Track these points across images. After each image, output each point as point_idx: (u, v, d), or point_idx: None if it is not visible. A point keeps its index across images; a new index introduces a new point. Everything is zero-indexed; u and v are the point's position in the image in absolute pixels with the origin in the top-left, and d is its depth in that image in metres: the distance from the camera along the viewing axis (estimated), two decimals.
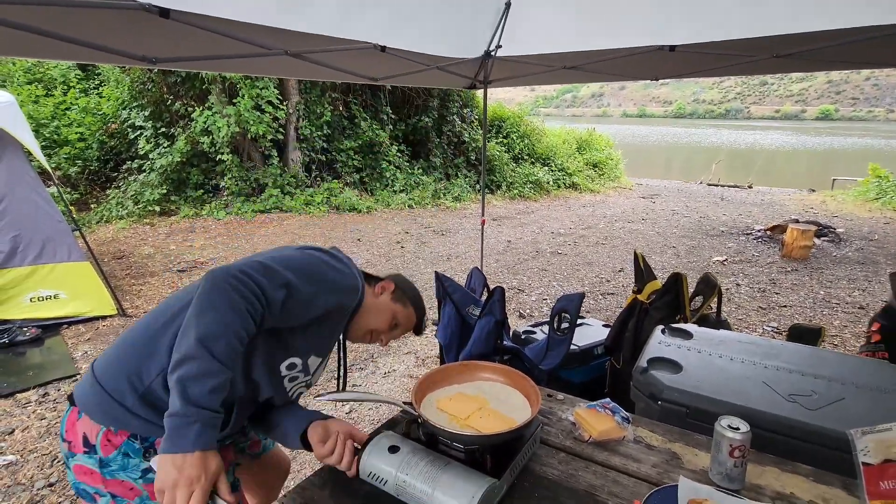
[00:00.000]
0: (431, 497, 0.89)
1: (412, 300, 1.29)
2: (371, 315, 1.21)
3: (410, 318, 1.29)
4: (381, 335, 1.25)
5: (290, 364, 1.09)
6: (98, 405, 0.98)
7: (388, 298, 1.24)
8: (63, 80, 8.10)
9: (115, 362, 1.01)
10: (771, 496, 0.99)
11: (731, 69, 3.05)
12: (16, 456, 2.32)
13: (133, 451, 0.99)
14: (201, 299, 0.89)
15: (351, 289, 1.12)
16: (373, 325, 1.22)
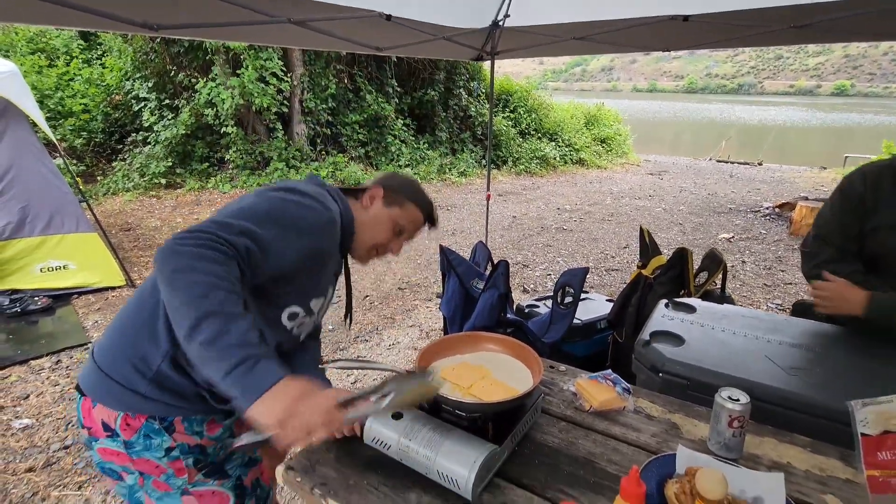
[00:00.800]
0: (434, 462, 0.91)
1: (410, 196, 1.18)
2: (368, 231, 1.14)
3: (415, 217, 1.19)
4: (389, 246, 1.18)
5: (290, 314, 1.07)
6: (109, 393, 0.96)
7: (381, 206, 1.16)
8: (66, 49, 8.00)
9: (115, 348, 0.99)
10: (767, 465, 1.00)
11: (746, 41, 2.96)
12: (31, 420, 2.39)
13: (154, 432, 0.98)
14: (162, 276, 0.80)
15: (326, 224, 1.01)
16: (374, 241, 1.15)
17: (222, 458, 1.07)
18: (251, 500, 1.13)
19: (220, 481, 1.07)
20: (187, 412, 1.00)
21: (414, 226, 1.19)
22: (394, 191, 1.17)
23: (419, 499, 0.90)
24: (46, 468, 2.10)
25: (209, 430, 1.05)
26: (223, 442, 1.08)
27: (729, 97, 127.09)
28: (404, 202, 1.17)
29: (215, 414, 1.06)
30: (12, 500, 1.93)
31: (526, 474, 0.97)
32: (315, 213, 0.99)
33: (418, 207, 1.19)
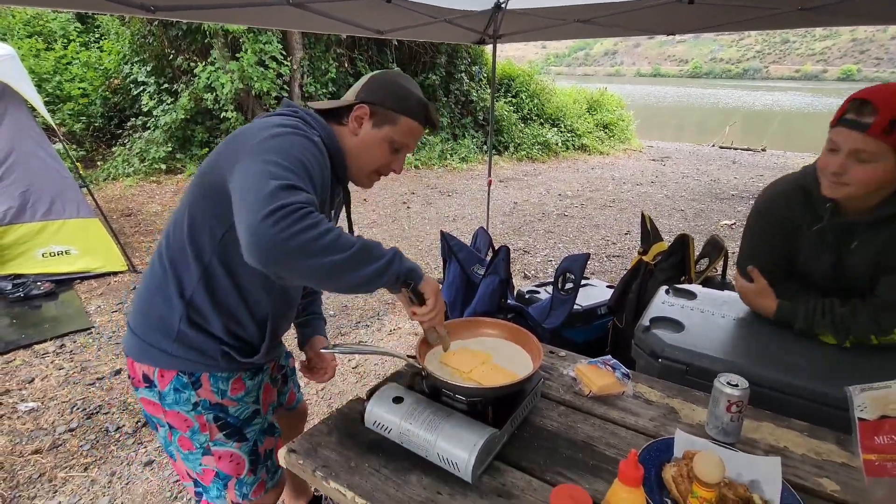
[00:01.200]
0: (434, 445, 0.92)
1: (400, 107, 1.05)
2: (362, 158, 1.07)
3: (410, 128, 1.07)
4: (390, 166, 1.11)
5: None
6: (143, 352, 1.05)
7: (370, 128, 1.05)
8: (63, 33, 7.91)
9: (141, 314, 1.07)
10: (764, 449, 1.02)
11: (752, 24, 2.92)
12: (37, 403, 2.42)
13: (182, 386, 1.06)
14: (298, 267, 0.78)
15: (321, 157, 0.96)
16: (372, 165, 1.09)
17: (243, 421, 1.13)
18: (262, 469, 1.18)
19: (239, 444, 1.13)
20: (213, 368, 1.07)
21: (412, 137, 1.09)
22: (383, 106, 1.04)
23: (420, 481, 0.91)
24: (52, 450, 2.13)
25: (233, 389, 1.11)
26: (245, 404, 1.13)
27: (734, 82, 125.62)
28: (396, 117, 1.05)
29: (242, 372, 1.12)
30: (19, 481, 1.97)
31: (525, 457, 0.98)
32: (311, 149, 0.94)
33: (412, 117, 1.06)
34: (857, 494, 0.89)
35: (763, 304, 1.44)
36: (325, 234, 0.79)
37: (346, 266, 0.81)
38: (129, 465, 2.07)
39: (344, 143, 1.06)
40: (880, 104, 1.11)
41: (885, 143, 1.11)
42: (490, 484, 0.91)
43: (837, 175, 1.19)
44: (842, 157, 1.18)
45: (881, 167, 1.14)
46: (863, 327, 1.27)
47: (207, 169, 0.99)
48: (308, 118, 1.02)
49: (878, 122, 1.10)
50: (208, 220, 0.98)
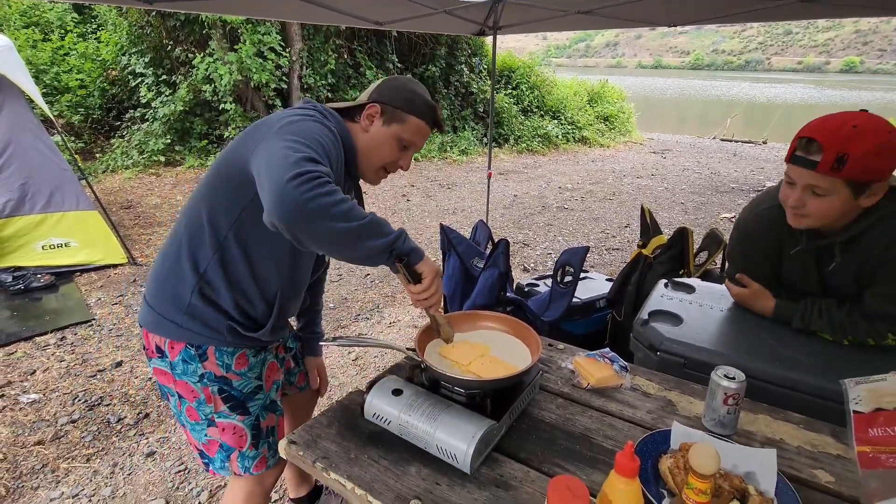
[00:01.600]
0: (433, 436, 0.93)
1: (409, 108, 1.12)
2: (373, 153, 1.13)
3: (418, 128, 1.14)
4: (397, 163, 1.17)
5: None
6: (156, 324, 1.12)
7: (380, 125, 1.12)
8: (60, 23, 7.85)
9: (156, 287, 1.13)
10: (761, 441, 1.02)
11: (755, 15, 2.90)
12: (39, 394, 2.43)
13: (189, 358, 1.11)
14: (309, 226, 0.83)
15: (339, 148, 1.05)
16: (381, 161, 1.14)
17: (246, 394, 1.18)
18: (264, 445, 1.22)
19: (242, 417, 1.18)
20: (219, 343, 1.12)
21: (420, 136, 1.15)
22: (393, 106, 1.12)
23: (419, 471, 0.92)
24: (55, 441, 2.15)
25: (237, 364, 1.16)
26: (248, 378, 1.18)
27: (735, 74, 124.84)
28: (404, 116, 1.12)
29: (247, 348, 1.17)
30: (23, 472, 1.98)
31: (523, 448, 0.99)
32: (329, 135, 1.01)
33: (420, 118, 1.13)
34: (852, 486, 0.90)
35: (761, 305, 1.46)
36: (342, 202, 0.85)
37: (357, 235, 0.87)
38: (130, 455, 2.09)
39: (356, 140, 1.12)
40: (824, 142, 1.13)
41: (836, 178, 1.13)
42: (488, 475, 0.92)
43: (796, 208, 1.23)
44: (798, 191, 1.21)
45: (836, 199, 1.17)
46: (860, 332, 1.29)
47: (229, 154, 1.06)
48: (325, 111, 1.09)
49: (826, 160, 1.12)
50: (227, 199, 1.05)
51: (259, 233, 1.05)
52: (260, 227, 0.95)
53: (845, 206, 1.19)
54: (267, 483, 1.28)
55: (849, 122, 1.12)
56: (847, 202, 1.17)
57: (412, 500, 0.85)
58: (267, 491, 1.30)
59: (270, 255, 1.10)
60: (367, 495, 0.87)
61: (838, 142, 1.11)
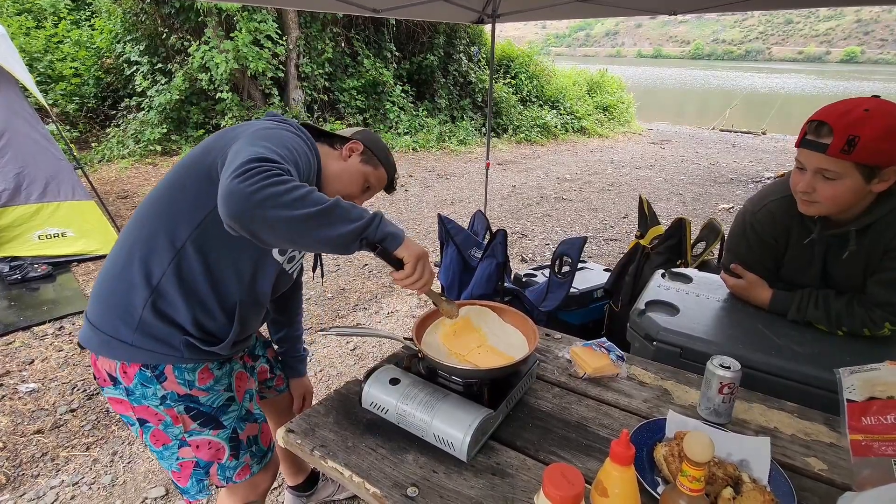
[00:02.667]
0: (430, 425, 0.93)
1: (382, 160, 1.24)
2: (340, 182, 1.17)
3: (382, 179, 1.25)
4: (355, 199, 1.21)
5: (281, 248, 1.11)
6: (103, 345, 1.02)
7: (358, 161, 1.20)
8: (53, 10, 7.74)
9: (101, 304, 1.04)
10: (755, 430, 1.03)
11: (756, 3, 2.88)
12: (37, 384, 2.44)
13: (146, 380, 1.04)
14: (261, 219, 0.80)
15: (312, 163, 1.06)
16: (345, 192, 1.17)
17: (217, 408, 1.12)
18: (246, 454, 1.17)
19: (216, 431, 1.12)
20: (176, 360, 1.05)
21: (380, 187, 1.26)
22: (372, 151, 1.22)
23: (416, 460, 0.93)
24: (54, 430, 2.16)
25: (200, 379, 1.09)
26: (217, 392, 1.12)
27: (736, 63, 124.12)
28: (378, 164, 1.23)
29: (209, 361, 1.10)
30: (22, 460, 1.99)
31: (519, 437, 0.99)
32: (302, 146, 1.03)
33: (387, 172, 1.25)
34: (844, 473, 0.91)
35: (758, 295, 1.46)
36: (294, 189, 0.82)
37: (317, 221, 0.82)
38: (130, 444, 2.10)
39: (327, 164, 1.15)
40: (834, 124, 1.12)
41: (846, 161, 1.13)
42: (485, 463, 0.92)
43: (807, 193, 1.23)
44: (808, 176, 1.21)
45: (847, 183, 1.17)
46: (856, 321, 1.30)
47: (198, 156, 1.03)
48: (296, 126, 1.10)
49: (835, 143, 1.12)
50: (190, 204, 1.00)
51: (221, 240, 1.00)
52: (222, 233, 0.92)
53: (857, 192, 1.18)
54: (262, 487, 1.24)
55: (860, 106, 1.12)
56: (858, 187, 1.16)
57: (409, 487, 0.86)
58: (262, 494, 1.26)
59: (232, 265, 1.04)
60: (364, 483, 0.88)
61: (848, 124, 1.10)
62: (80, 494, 1.86)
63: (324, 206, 0.83)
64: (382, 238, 0.91)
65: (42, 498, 1.84)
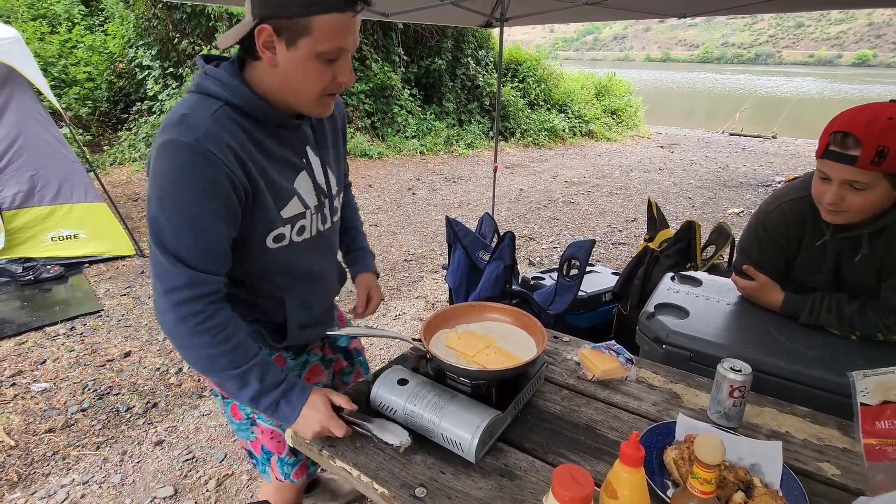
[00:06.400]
0: (438, 426, 0.93)
1: (305, 9, 0.79)
2: (295, 87, 0.87)
3: (334, 26, 0.81)
4: (336, 81, 0.88)
5: (274, 237, 0.98)
6: None
7: (285, 51, 0.83)
8: (67, 15, 7.87)
9: None
10: (766, 434, 1.02)
11: (766, 6, 2.86)
12: (49, 383, 2.47)
13: None
14: (175, 346, 0.91)
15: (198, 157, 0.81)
16: (312, 92, 0.88)
17: None
18: (303, 455, 1.17)
19: (279, 423, 1.14)
20: None
21: (342, 34, 0.83)
22: (286, 15, 0.79)
23: (424, 460, 0.93)
24: (65, 429, 2.18)
25: None
26: None
27: (745, 67, 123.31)
28: (305, 26, 0.80)
29: (283, 351, 1.14)
30: (34, 459, 2.02)
31: (528, 439, 0.99)
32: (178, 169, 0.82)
33: (326, 10, 0.80)
34: (857, 479, 0.90)
35: (769, 298, 1.44)
36: (211, 346, 0.88)
37: (225, 385, 0.92)
38: (139, 444, 2.12)
39: (266, 82, 0.88)
40: (862, 136, 1.10)
41: (876, 172, 1.11)
42: (493, 464, 0.92)
43: (834, 205, 1.20)
44: (835, 186, 1.19)
45: (878, 192, 1.15)
46: (869, 325, 1.28)
47: None
48: (202, 86, 0.88)
49: (865, 155, 1.10)
50: None
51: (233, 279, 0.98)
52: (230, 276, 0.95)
53: (886, 200, 1.17)
54: (300, 487, 1.27)
55: (883, 114, 1.10)
56: (886, 194, 1.15)
57: (417, 487, 0.86)
58: (299, 492, 1.29)
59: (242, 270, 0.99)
60: (373, 483, 0.88)
61: (876, 135, 1.09)
62: (90, 493, 1.87)
63: (234, 382, 0.90)
64: (272, 415, 0.94)
65: (53, 496, 1.85)
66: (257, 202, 0.92)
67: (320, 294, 1.17)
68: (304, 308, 1.12)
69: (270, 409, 0.93)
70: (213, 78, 0.88)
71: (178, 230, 0.83)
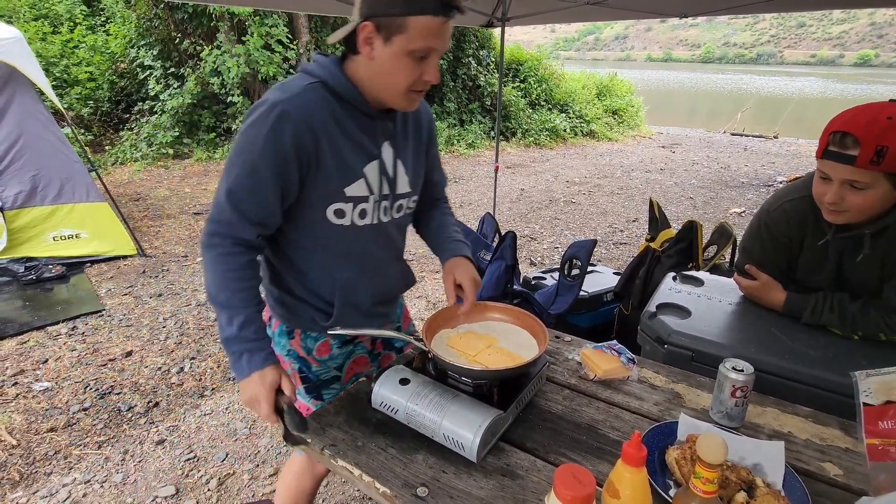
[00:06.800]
0: (440, 425, 0.93)
1: (405, 6, 0.87)
2: (386, 80, 0.96)
3: (427, 27, 0.89)
4: (423, 79, 0.96)
5: (335, 211, 1.04)
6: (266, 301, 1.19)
7: (382, 46, 0.92)
8: (69, 15, 7.89)
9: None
10: (769, 434, 1.02)
11: (768, 6, 2.85)
12: (51, 382, 2.47)
13: (280, 333, 1.19)
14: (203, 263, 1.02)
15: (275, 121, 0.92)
16: (400, 86, 0.96)
17: (321, 382, 1.22)
18: None
19: (315, 402, 1.22)
20: (303, 326, 1.18)
21: (433, 36, 0.91)
22: (385, 14, 0.88)
23: (426, 459, 0.92)
24: (67, 428, 2.19)
25: (318, 351, 1.19)
26: (327, 368, 1.22)
27: (747, 67, 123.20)
28: (402, 25, 0.88)
29: (331, 338, 1.20)
30: (36, 458, 2.02)
31: (529, 438, 0.99)
32: (258, 123, 0.93)
33: (421, 12, 0.88)
34: (860, 479, 0.90)
35: (771, 297, 1.44)
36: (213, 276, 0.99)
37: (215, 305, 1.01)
38: (141, 443, 2.12)
39: (361, 73, 0.98)
40: (861, 136, 1.10)
41: (875, 171, 1.11)
42: (494, 464, 0.92)
43: (835, 204, 1.21)
44: (836, 186, 1.19)
45: (878, 192, 1.15)
46: (871, 325, 1.28)
47: None
48: (307, 68, 1.00)
49: (864, 154, 1.10)
50: None
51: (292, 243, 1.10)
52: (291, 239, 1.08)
53: (886, 199, 1.17)
54: (319, 469, 1.32)
55: (882, 114, 1.10)
56: (886, 194, 1.15)
57: (419, 487, 0.86)
58: (318, 477, 1.33)
59: (296, 247, 1.10)
60: (374, 482, 0.88)
61: (875, 135, 1.09)
62: (91, 492, 1.88)
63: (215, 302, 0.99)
64: (232, 364, 1.00)
65: (55, 495, 1.86)
66: (321, 173, 1.00)
67: (374, 284, 1.19)
68: (354, 292, 1.15)
69: (234, 357, 0.98)
70: (317, 63, 1.01)
71: (235, 169, 0.96)
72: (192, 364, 2.67)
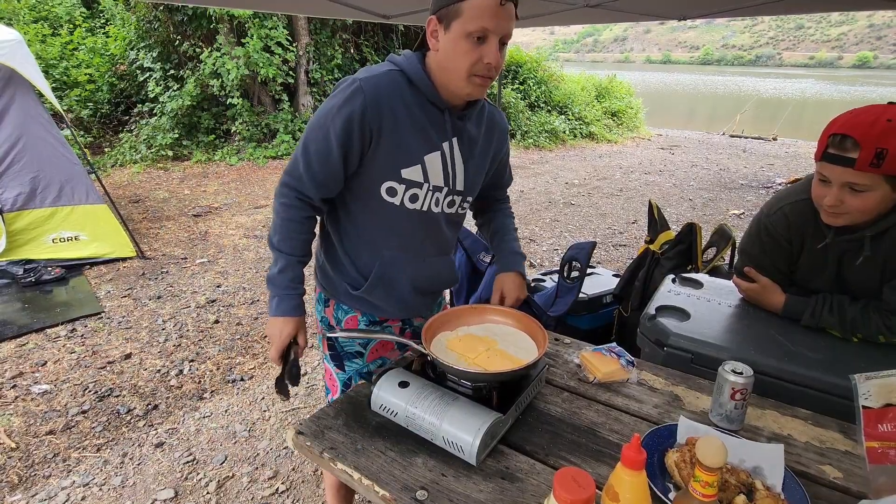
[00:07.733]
0: (439, 428, 0.93)
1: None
2: (449, 66, 1.02)
3: (480, 8, 0.95)
4: (482, 61, 0.99)
5: (388, 189, 1.11)
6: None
7: (444, 34, 1.00)
8: (69, 18, 7.90)
9: None
10: (768, 437, 1.02)
11: (767, 8, 2.86)
12: (50, 385, 2.47)
13: (319, 300, 1.31)
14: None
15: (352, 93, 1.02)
16: (461, 70, 1.00)
17: (345, 353, 1.28)
18: None
19: (338, 370, 1.29)
20: (339, 299, 1.26)
21: (489, 15, 0.95)
22: (443, 7, 0.98)
23: (425, 463, 0.92)
24: (66, 431, 2.18)
25: (346, 323, 1.27)
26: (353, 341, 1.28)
27: (746, 69, 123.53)
28: (458, 10, 0.96)
29: (360, 313, 1.26)
30: (34, 461, 2.02)
31: (529, 441, 0.99)
32: (338, 94, 1.05)
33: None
34: (860, 482, 0.90)
35: (771, 300, 1.44)
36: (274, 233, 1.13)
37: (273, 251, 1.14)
38: (140, 446, 2.11)
39: (432, 66, 1.07)
40: (860, 138, 1.10)
41: (875, 174, 1.11)
42: (494, 467, 0.92)
43: (834, 207, 1.20)
44: (835, 189, 1.18)
45: (878, 194, 1.15)
46: (871, 328, 1.28)
47: None
48: (393, 58, 1.11)
49: (864, 156, 1.10)
50: None
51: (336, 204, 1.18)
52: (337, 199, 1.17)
53: (885, 201, 1.17)
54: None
55: (882, 116, 1.10)
56: (886, 196, 1.15)
57: (418, 490, 0.86)
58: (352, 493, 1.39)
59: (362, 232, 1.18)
60: (374, 485, 0.87)
61: (875, 137, 1.09)
62: (90, 495, 1.87)
63: (273, 252, 1.13)
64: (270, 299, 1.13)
65: (53, 498, 1.85)
66: (380, 149, 1.07)
67: (416, 269, 1.22)
68: (392, 269, 1.19)
69: (271, 294, 1.12)
70: (403, 55, 1.10)
71: (312, 131, 1.08)
72: (192, 366, 2.67)
